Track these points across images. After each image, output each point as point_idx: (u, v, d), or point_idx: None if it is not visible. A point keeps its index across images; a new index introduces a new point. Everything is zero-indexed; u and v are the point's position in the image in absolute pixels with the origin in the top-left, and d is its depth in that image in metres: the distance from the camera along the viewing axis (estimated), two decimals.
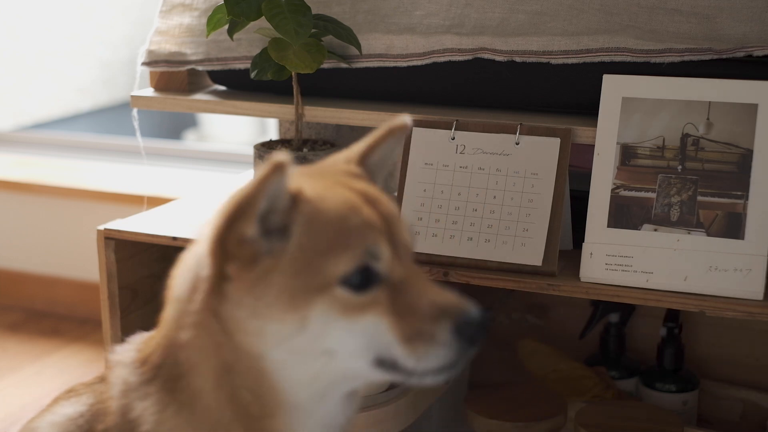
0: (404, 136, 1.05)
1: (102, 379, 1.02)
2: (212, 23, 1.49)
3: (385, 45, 1.55)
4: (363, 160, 1.03)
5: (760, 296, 1.29)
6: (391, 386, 1.44)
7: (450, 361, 0.90)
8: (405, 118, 1.03)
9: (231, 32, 1.48)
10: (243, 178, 1.91)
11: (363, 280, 0.90)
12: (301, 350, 0.91)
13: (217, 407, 0.93)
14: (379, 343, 0.90)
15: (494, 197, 1.43)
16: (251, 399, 0.93)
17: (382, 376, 0.93)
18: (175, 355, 0.95)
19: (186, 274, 0.96)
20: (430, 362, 0.90)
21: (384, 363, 0.91)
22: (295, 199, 0.90)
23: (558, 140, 1.42)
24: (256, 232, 0.89)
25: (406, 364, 0.90)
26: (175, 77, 1.73)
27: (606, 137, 1.39)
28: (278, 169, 0.86)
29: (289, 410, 0.94)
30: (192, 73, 1.73)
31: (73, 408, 1.01)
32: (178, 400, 0.94)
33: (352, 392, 0.99)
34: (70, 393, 1.04)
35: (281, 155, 0.86)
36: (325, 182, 0.95)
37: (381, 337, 0.90)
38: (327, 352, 0.91)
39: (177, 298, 0.96)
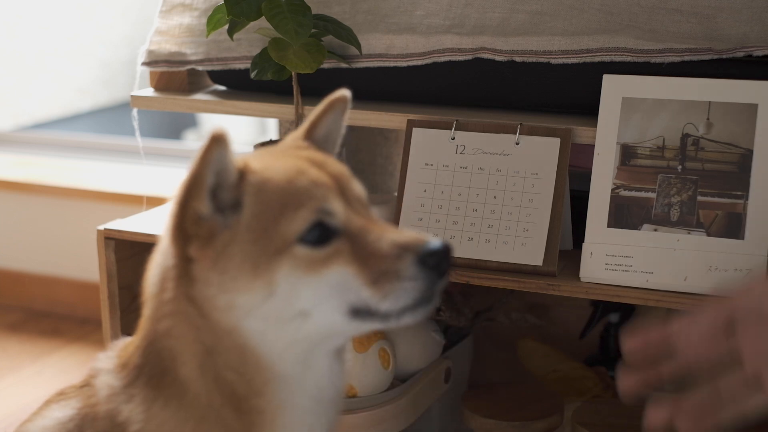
0: (346, 109, 1.07)
1: (88, 383, 1.02)
2: (212, 23, 1.49)
3: (385, 45, 1.55)
4: (309, 135, 1.05)
5: None
6: (391, 386, 1.44)
7: (420, 295, 0.91)
8: (344, 91, 1.06)
9: (231, 32, 1.48)
10: None
11: (320, 235, 0.91)
12: (275, 316, 0.91)
13: (205, 393, 0.94)
14: (348, 292, 0.91)
15: (494, 197, 1.43)
16: (236, 378, 0.93)
17: (360, 327, 0.94)
18: (157, 350, 0.95)
19: (155, 270, 0.97)
20: (400, 300, 0.91)
21: (359, 312, 0.92)
22: (243, 173, 0.92)
23: (558, 140, 1.42)
24: (209, 209, 0.90)
25: (378, 307, 0.91)
26: (175, 77, 1.73)
27: (606, 137, 1.39)
28: (217, 140, 0.88)
29: (276, 384, 0.94)
30: (192, 73, 1.73)
31: (63, 412, 1.01)
32: (165, 394, 0.94)
33: (337, 359, 0.99)
34: (60, 396, 1.04)
35: (219, 128, 0.88)
36: (272, 156, 0.98)
37: (348, 285, 0.91)
38: (301, 313, 0.91)
39: (151, 294, 0.97)
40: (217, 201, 0.91)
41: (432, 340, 1.53)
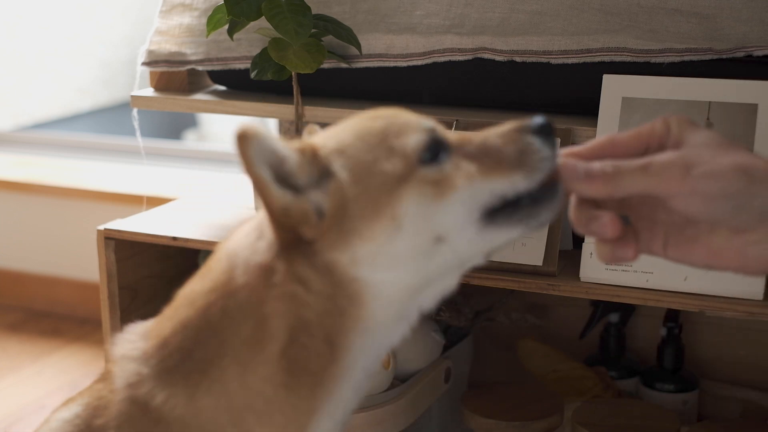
0: None
1: (102, 379, 1.01)
2: (212, 23, 1.49)
3: (385, 45, 1.55)
4: None
5: (760, 296, 1.29)
6: (391, 386, 1.44)
7: (551, 164, 0.90)
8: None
9: (231, 32, 1.48)
10: (243, 178, 1.91)
11: (435, 154, 0.89)
12: (404, 254, 0.89)
13: (261, 379, 0.91)
14: (489, 196, 0.89)
15: None
16: (324, 350, 0.90)
17: (493, 239, 0.91)
18: (222, 333, 0.92)
19: (240, 259, 0.93)
20: (544, 166, 0.90)
21: (501, 210, 0.90)
22: (306, 151, 0.90)
23: (558, 140, 1.42)
24: (288, 196, 0.88)
25: (528, 186, 0.89)
26: (175, 77, 1.73)
27: None
28: (243, 138, 0.85)
29: (356, 349, 0.92)
30: (192, 73, 1.73)
31: (69, 411, 1.00)
32: (211, 378, 0.92)
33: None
34: (68, 401, 1.03)
35: (243, 125, 0.85)
36: (325, 132, 0.96)
37: (483, 191, 0.89)
38: (436, 239, 0.89)
39: (220, 281, 0.93)
40: (293, 184, 0.89)
41: (432, 340, 1.53)
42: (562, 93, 1.49)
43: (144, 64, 1.70)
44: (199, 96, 1.70)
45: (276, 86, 1.58)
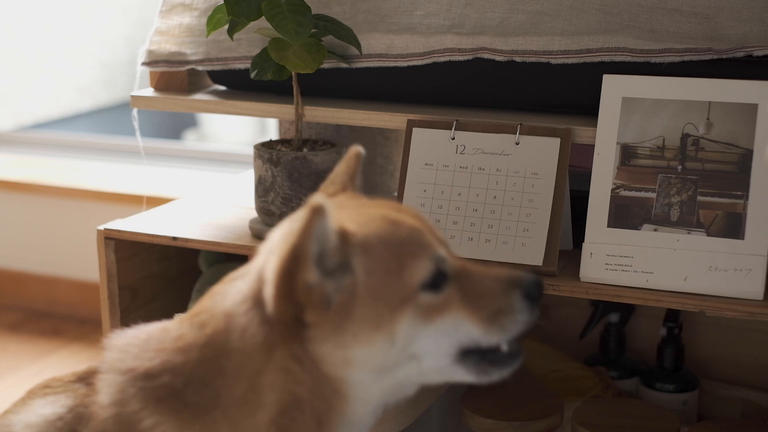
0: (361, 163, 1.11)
1: (81, 379, 1.01)
2: (212, 23, 1.49)
3: (385, 45, 1.55)
4: (353, 186, 1.09)
5: (760, 296, 1.29)
6: None
7: (527, 324, 0.97)
8: (358, 147, 1.10)
9: (231, 32, 1.48)
10: (243, 178, 1.91)
11: (437, 281, 0.95)
12: (388, 365, 0.95)
13: None
14: (461, 335, 0.96)
15: (494, 197, 1.43)
16: (315, 428, 0.95)
17: (459, 374, 0.98)
18: (217, 386, 0.95)
19: (251, 330, 0.95)
20: (512, 330, 0.97)
21: (467, 353, 0.96)
22: (343, 235, 0.93)
23: (558, 140, 1.42)
24: (317, 276, 0.92)
25: (490, 342, 0.96)
26: (175, 77, 1.73)
27: (606, 137, 1.39)
28: (318, 212, 0.89)
29: (346, 428, 0.97)
30: (192, 73, 1.73)
31: (50, 408, 0.99)
32: (203, 422, 0.94)
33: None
34: (45, 389, 1.02)
35: (319, 198, 0.90)
36: (350, 210, 0.99)
37: (462, 329, 0.96)
38: (413, 357, 0.95)
39: (238, 349, 0.95)
40: (322, 266, 0.92)
41: None
42: (562, 93, 1.49)
43: (144, 64, 1.70)
44: (199, 96, 1.70)
45: (276, 86, 1.59)
